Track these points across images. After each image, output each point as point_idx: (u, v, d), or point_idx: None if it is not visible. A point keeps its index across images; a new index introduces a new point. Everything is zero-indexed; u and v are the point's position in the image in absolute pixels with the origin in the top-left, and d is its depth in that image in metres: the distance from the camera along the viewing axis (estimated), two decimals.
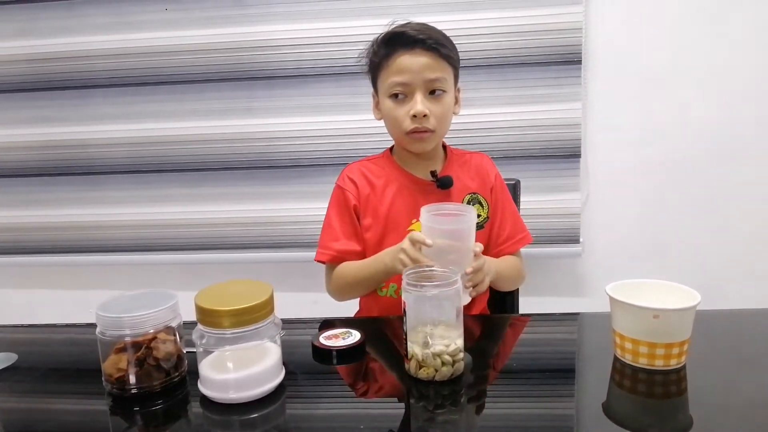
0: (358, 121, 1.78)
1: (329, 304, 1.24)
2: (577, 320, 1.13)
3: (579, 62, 1.72)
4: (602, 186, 1.81)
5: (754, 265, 1.80)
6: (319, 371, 0.88)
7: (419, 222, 1.01)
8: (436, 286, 0.80)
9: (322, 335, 0.93)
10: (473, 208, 1.03)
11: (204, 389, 0.78)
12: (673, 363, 0.81)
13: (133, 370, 0.78)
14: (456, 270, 0.83)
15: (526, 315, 1.17)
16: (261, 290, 0.79)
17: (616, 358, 0.85)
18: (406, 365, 0.82)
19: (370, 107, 1.23)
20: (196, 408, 0.78)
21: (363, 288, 1.18)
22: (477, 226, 1.17)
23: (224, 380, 0.77)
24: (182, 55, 1.83)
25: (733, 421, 0.72)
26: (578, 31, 1.70)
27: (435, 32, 1.13)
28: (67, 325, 1.11)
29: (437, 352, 0.79)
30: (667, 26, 1.72)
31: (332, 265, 1.20)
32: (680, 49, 1.73)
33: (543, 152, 1.77)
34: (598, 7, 1.72)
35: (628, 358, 0.83)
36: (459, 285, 0.81)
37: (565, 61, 1.72)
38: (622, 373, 0.82)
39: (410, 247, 1.00)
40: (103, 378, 0.80)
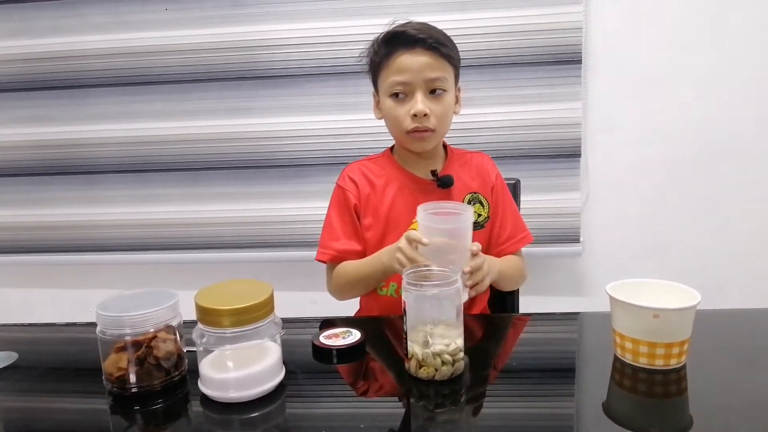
0: (359, 121, 1.78)
1: (329, 304, 1.24)
2: (577, 320, 1.13)
3: (579, 62, 1.72)
4: (602, 186, 1.82)
5: (755, 265, 1.80)
6: (319, 370, 0.89)
7: None
8: (436, 286, 0.79)
9: (322, 334, 0.93)
10: (470, 207, 1.02)
11: (204, 388, 0.78)
12: (673, 363, 0.81)
13: (133, 369, 0.78)
14: (455, 269, 0.82)
15: (526, 314, 1.17)
16: (261, 289, 0.79)
17: (616, 358, 0.85)
18: (406, 365, 0.82)
19: (370, 107, 1.23)
20: (197, 407, 0.78)
21: (362, 287, 1.19)
22: (478, 225, 1.17)
23: (224, 379, 0.77)
24: (181, 55, 1.83)
25: (733, 421, 0.71)
26: (578, 31, 1.70)
27: (435, 32, 1.13)
28: (68, 324, 1.11)
29: (437, 351, 0.79)
30: (667, 26, 1.72)
31: (333, 264, 1.20)
32: (680, 49, 1.73)
33: (543, 152, 1.77)
34: (598, 7, 1.72)
35: (628, 358, 0.83)
36: (459, 284, 0.80)
37: (565, 60, 1.72)
38: (622, 372, 0.82)
39: (407, 246, 1.00)
40: (104, 377, 0.80)
